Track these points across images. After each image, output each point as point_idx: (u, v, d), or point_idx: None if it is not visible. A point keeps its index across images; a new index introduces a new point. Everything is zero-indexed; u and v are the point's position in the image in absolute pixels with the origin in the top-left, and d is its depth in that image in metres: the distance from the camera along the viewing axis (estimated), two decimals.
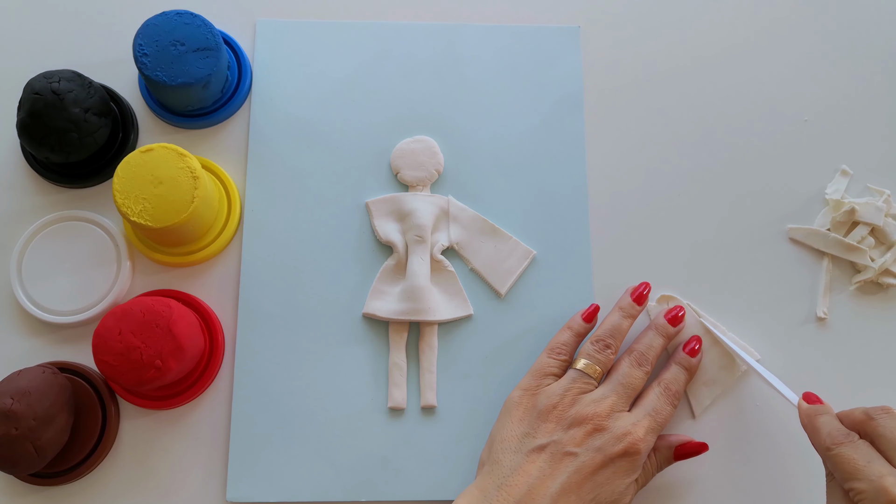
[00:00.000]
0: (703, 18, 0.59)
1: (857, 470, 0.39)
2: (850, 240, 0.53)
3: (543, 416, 0.45)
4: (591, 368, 0.47)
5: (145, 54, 0.50)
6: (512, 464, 0.44)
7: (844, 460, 0.40)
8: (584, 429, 0.44)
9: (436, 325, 0.51)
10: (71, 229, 0.51)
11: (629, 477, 0.44)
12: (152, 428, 0.49)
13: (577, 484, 0.43)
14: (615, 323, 0.48)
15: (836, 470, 0.40)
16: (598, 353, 0.47)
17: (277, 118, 0.55)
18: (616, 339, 0.48)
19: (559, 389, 0.46)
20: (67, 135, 0.49)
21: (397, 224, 0.53)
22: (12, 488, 0.48)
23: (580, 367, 0.47)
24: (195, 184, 0.47)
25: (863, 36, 0.59)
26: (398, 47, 0.57)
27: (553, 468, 0.43)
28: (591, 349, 0.47)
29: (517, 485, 0.43)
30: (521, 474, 0.43)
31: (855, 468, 0.39)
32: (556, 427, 0.44)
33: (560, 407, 0.45)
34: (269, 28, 0.57)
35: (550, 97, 0.56)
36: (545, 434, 0.44)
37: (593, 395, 0.46)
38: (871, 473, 0.38)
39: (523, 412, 0.46)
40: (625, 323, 0.49)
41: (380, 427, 0.50)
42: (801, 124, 0.57)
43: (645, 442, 0.44)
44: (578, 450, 0.43)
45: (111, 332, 0.44)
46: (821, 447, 0.42)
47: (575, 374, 0.47)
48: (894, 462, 0.39)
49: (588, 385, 0.46)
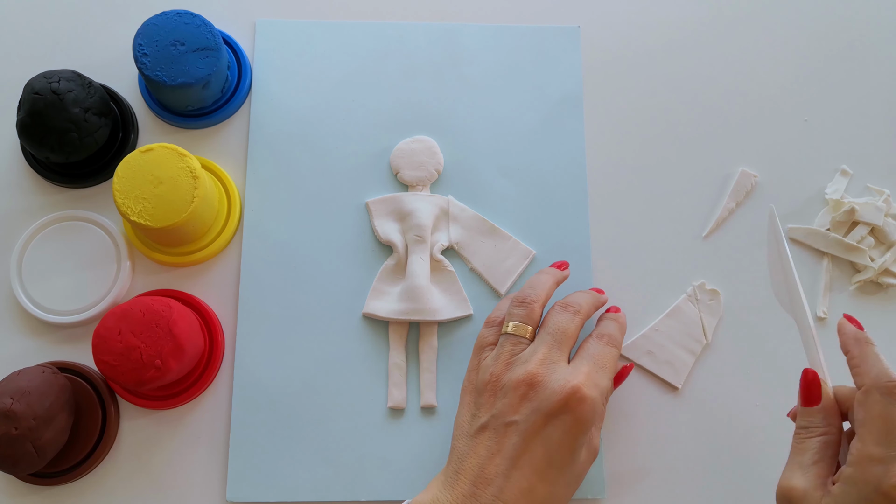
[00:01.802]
0: (702, 18, 0.59)
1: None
2: (849, 240, 0.53)
3: (483, 391, 0.44)
4: (520, 328, 0.45)
5: (145, 54, 0.50)
6: (464, 448, 0.43)
7: (889, 415, 0.36)
8: (518, 392, 0.42)
9: (436, 325, 0.51)
10: (71, 229, 0.51)
11: (582, 429, 0.41)
12: (152, 428, 0.49)
13: (524, 451, 0.41)
14: (532, 280, 0.48)
15: (870, 417, 0.36)
16: (520, 309, 0.46)
17: (277, 118, 0.55)
18: (536, 291, 0.46)
19: (492, 359, 0.45)
20: (67, 135, 0.49)
21: (397, 224, 0.53)
22: (12, 488, 0.48)
23: (509, 329, 0.45)
24: (195, 184, 0.47)
25: (862, 36, 0.59)
26: (398, 47, 0.57)
27: (499, 443, 0.41)
28: (513, 309, 0.46)
29: (470, 468, 0.41)
30: (473, 456, 0.42)
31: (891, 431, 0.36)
32: (493, 399, 0.43)
33: (495, 376, 0.44)
34: (269, 28, 0.57)
35: (550, 97, 0.56)
36: (486, 410, 0.43)
37: (524, 354, 0.44)
38: None
39: (470, 393, 0.45)
40: (542, 277, 0.48)
41: (380, 427, 0.50)
42: (801, 124, 0.57)
43: (589, 386, 0.42)
44: (517, 416, 0.41)
45: (111, 331, 0.44)
46: (867, 382, 0.37)
47: (504, 338, 0.45)
48: None
49: (519, 345, 0.44)
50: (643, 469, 0.49)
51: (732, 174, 0.55)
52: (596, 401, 0.42)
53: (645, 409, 0.50)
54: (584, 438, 0.42)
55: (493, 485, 0.40)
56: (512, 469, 0.41)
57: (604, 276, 0.53)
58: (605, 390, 0.43)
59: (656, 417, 0.50)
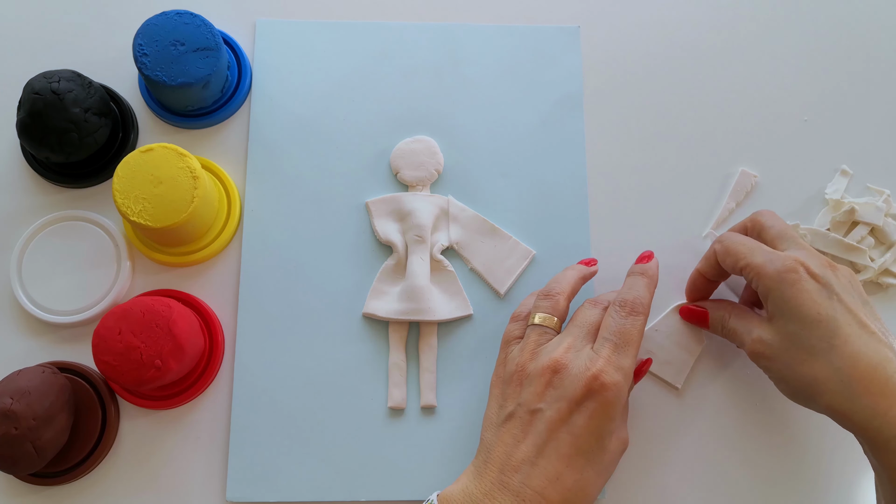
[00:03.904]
0: (702, 18, 0.59)
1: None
2: (849, 240, 0.53)
3: (509, 381, 0.44)
4: (547, 319, 0.45)
5: (145, 54, 0.50)
6: (492, 438, 0.43)
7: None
8: (543, 379, 0.42)
9: (436, 325, 0.51)
10: (71, 229, 0.51)
11: (608, 415, 0.41)
12: (152, 428, 0.49)
13: (550, 439, 0.41)
14: (558, 275, 0.48)
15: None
16: (545, 302, 0.46)
17: (277, 118, 0.55)
18: (561, 285, 0.47)
19: (518, 350, 0.45)
20: (67, 135, 0.49)
21: (397, 224, 0.53)
22: (12, 488, 0.48)
23: (535, 321, 0.45)
24: (195, 184, 0.47)
25: (863, 36, 0.59)
26: (398, 47, 0.57)
27: (524, 431, 0.41)
28: (539, 302, 0.46)
29: (498, 456, 0.41)
30: (500, 445, 0.42)
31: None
32: (519, 388, 0.43)
33: (520, 366, 0.44)
34: (269, 28, 0.57)
35: (550, 97, 0.56)
36: (512, 399, 0.43)
37: (550, 344, 0.44)
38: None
39: (498, 386, 0.45)
40: (568, 272, 0.48)
41: (380, 427, 0.50)
42: (801, 124, 0.57)
43: (609, 372, 0.41)
44: (542, 404, 0.41)
45: (111, 332, 0.44)
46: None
47: (530, 329, 0.45)
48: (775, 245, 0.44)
49: (545, 335, 0.45)
50: (643, 469, 0.49)
51: (732, 174, 0.55)
52: (619, 385, 0.41)
53: (645, 409, 0.50)
54: (611, 425, 0.41)
55: (521, 472, 0.40)
56: (538, 457, 0.40)
57: (604, 276, 0.53)
58: (629, 371, 0.42)
59: (656, 417, 0.50)
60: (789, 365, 0.42)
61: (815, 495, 0.49)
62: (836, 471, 0.49)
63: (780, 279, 0.42)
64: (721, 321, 0.47)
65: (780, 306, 0.42)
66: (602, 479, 0.42)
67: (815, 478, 0.49)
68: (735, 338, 0.46)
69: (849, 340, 0.40)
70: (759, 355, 0.44)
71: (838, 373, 0.40)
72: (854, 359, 0.40)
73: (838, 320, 0.41)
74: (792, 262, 0.42)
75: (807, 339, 0.41)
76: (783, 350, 0.42)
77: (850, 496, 0.49)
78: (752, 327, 0.44)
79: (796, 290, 0.41)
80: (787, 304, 0.41)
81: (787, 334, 0.42)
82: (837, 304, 0.41)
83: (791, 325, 0.41)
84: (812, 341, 0.41)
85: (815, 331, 0.41)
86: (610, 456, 0.42)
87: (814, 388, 0.41)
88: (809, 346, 0.41)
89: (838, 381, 0.40)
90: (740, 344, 0.45)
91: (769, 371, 0.44)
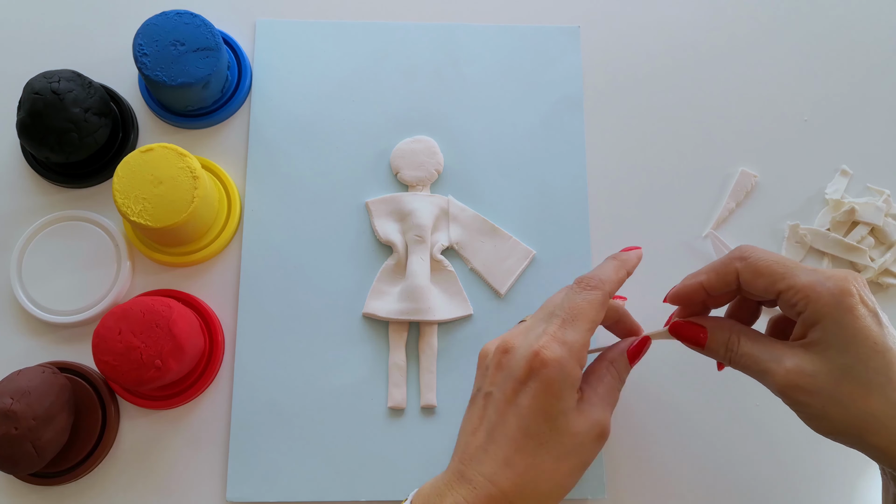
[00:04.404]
0: (702, 18, 0.59)
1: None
2: (850, 240, 0.53)
3: (477, 368, 0.42)
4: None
5: (145, 54, 0.50)
6: (460, 426, 0.41)
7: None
8: (495, 362, 0.40)
9: (436, 325, 0.51)
10: (71, 229, 0.51)
11: (553, 393, 0.38)
12: (152, 428, 0.49)
13: (499, 423, 0.38)
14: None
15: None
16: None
17: (277, 118, 0.55)
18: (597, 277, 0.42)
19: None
20: (67, 135, 0.49)
21: (397, 224, 0.53)
22: (12, 488, 0.48)
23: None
24: (195, 184, 0.47)
25: (863, 36, 0.59)
26: (398, 47, 0.57)
27: (480, 417, 0.40)
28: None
29: (459, 445, 0.40)
30: (461, 433, 0.40)
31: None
32: (480, 373, 0.41)
33: (485, 352, 0.42)
34: (269, 28, 0.57)
35: (550, 97, 0.56)
36: (475, 385, 0.42)
37: (513, 328, 0.42)
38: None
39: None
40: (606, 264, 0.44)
41: (380, 427, 0.50)
42: (801, 124, 0.57)
43: (551, 348, 0.38)
44: (493, 388, 0.39)
45: (111, 332, 0.44)
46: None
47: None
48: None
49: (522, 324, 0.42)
50: (643, 469, 0.49)
51: (732, 174, 0.55)
52: (561, 360, 0.38)
53: (645, 410, 0.50)
54: (560, 404, 0.38)
55: (475, 459, 0.38)
56: (489, 442, 0.38)
57: None
58: (576, 345, 0.38)
59: (656, 417, 0.50)
60: (838, 401, 0.36)
61: (818, 495, 0.49)
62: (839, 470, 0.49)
63: (838, 304, 0.36)
64: (727, 344, 0.40)
65: (834, 334, 0.36)
66: (566, 466, 0.38)
67: (817, 476, 0.49)
68: (753, 365, 0.39)
69: None
70: (797, 389, 0.37)
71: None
72: None
73: (892, 350, 0.36)
74: (848, 284, 0.37)
75: (863, 371, 0.36)
76: (832, 384, 0.36)
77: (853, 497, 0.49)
78: (779, 355, 0.38)
79: (853, 316, 0.36)
80: (844, 332, 0.36)
81: (839, 366, 0.36)
82: (889, 333, 0.37)
83: (845, 356, 0.36)
84: (869, 375, 0.36)
85: (871, 363, 0.36)
86: (573, 440, 0.38)
87: (868, 426, 0.36)
88: (866, 379, 0.36)
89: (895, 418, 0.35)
90: (762, 373, 0.38)
91: (808, 407, 0.37)
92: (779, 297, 0.38)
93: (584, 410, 0.39)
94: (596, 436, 0.39)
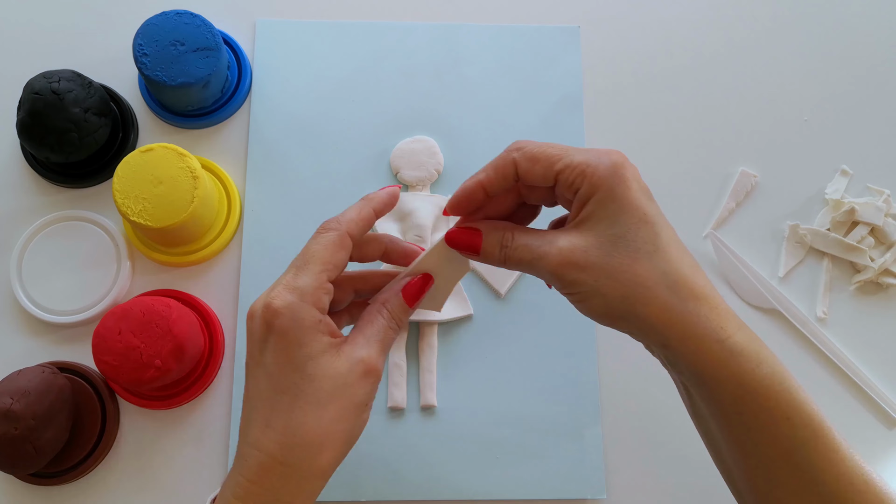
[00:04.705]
0: (702, 18, 0.59)
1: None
2: (850, 240, 0.53)
3: None
4: None
5: (145, 54, 0.50)
6: None
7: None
8: (246, 331, 0.39)
9: (436, 325, 0.51)
10: (71, 229, 0.51)
11: (293, 341, 0.36)
12: (152, 428, 0.49)
13: (253, 388, 0.37)
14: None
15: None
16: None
17: (277, 118, 0.55)
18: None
19: None
20: (67, 135, 0.49)
21: (397, 224, 0.53)
22: (12, 488, 0.48)
23: None
24: (195, 184, 0.47)
25: (863, 36, 0.59)
26: (398, 47, 0.57)
27: (244, 389, 0.38)
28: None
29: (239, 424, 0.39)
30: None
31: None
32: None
33: None
34: (269, 28, 0.57)
35: (550, 97, 0.56)
36: None
37: None
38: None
39: None
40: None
41: (380, 427, 0.50)
42: (801, 124, 0.57)
43: (281, 296, 0.37)
44: (247, 355, 0.38)
45: (111, 332, 0.44)
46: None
47: None
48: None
49: None
50: (643, 469, 0.49)
51: (732, 174, 0.55)
52: (292, 305, 0.36)
53: (645, 410, 0.50)
54: (305, 350, 0.36)
55: (243, 433, 0.37)
56: (250, 411, 0.37)
57: None
58: (309, 288, 0.37)
59: (656, 418, 0.50)
60: (609, 273, 0.36)
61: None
62: None
63: (612, 174, 0.37)
64: (502, 241, 0.39)
65: (606, 206, 0.37)
66: (332, 411, 0.37)
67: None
68: (527, 254, 0.38)
69: (670, 243, 0.37)
70: (570, 266, 0.36)
71: (665, 276, 0.36)
72: (678, 262, 0.36)
73: (660, 222, 0.37)
74: (622, 158, 0.38)
75: (632, 241, 0.36)
76: (603, 255, 0.36)
77: None
78: (552, 239, 0.37)
79: (626, 187, 0.37)
80: (616, 202, 0.36)
81: (610, 237, 0.36)
82: (657, 208, 0.38)
83: (616, 227, 0.36)
84: (638, 244, 0.36)
85: (641, 232, 0.36)
86: (332, 382, 0.37)
87: (638, 296, 0.36)
88: (635, 248, 0.36)
89: (665, 287, 0.36)
90: (538, 259, 0.37)
91: (581, 285, 0.36)
92: (557, 179, 0.38)
93: (343, 351, 0.37)
94: (360, 374, 0.37)
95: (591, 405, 0.50)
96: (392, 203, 0.42)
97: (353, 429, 0.38)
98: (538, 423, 0.50)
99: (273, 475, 0.36)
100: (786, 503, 0.37)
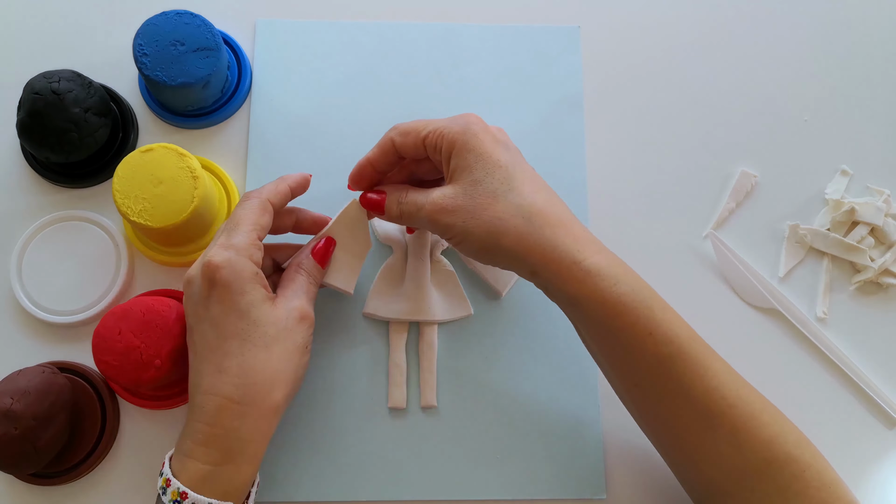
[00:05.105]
0: (702, 18, 0.59)
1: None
2: (850, 240, 0.53)
3: None
4: None
5: (145, 54, 0.50)
6: None
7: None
8: (184, 298, 0.44)
9: (436, 325, 0.51)
10: (71, 229, 0.51)
11: (235, 290, 0.41)
12: (152, 428, 0.49)
13: (200, 341, 0.42)
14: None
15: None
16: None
17: (277, 118, 0.55)
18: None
19: None
20: (67, 135, 0.49)
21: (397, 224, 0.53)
22: (12, 488, 0.48)
23: None
24: (195, 184, 0.47)
25: (863, 36, 0.59)
26: (398, 47, 0.57)
27: (190, 349, 0.43)
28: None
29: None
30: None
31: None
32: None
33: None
34: (269, 28, 0.57)
35: (550, 97, 0.56)
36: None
37: None
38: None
39: None
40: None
41: (380, 427, 0.50)
42: (801, 124, 0.57)
43: (218, 253, 0.41)
44: (188, 318, 0.43)
45: (111, 331, 0.44)
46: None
47: None
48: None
49: None
50: (643, 469, 0.49)
51: (732, 174, 0.55)
52: (230, 260, 0.41)
53: None
54: (245, 298, 0.41)
55: (193, 383, 0.41)
56: (199, 362, 0.41)
57: None
58: (242, 244, 0.42)
59: None
60: (474, 214, 0.42)
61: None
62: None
63: (465, 131, 0.43)
64: (398, 199, 0.45)
65: (464, 157, 0.43)
66: (278, 352, 0.42)
67: None
68: (413, 207, 0.44)
69: (525, 182, 0.43)
70: (441, 211, 0.43)
71: (520, 209, 0.41)
72: (532, 196, 0.42)
73: (515, 167, 0.43)
74: (473, 116, 0.44)
75: (489, 184, 0.42)
76: (467, 199, 0.42)
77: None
78: (429, 192, 0.44)
79: (479, 139, 0.43)
80: (472, 152, 0.42)
81: (470, 183, 0.42)
82: (513, 155, 0.44)
83: (474, 173, 0.42)
84: (494, 185, 0.42)
85: (496, 175, 0.42)
86: (275, 326, 0.42)
87: (499, 229, 0.41)
88: (492, 190, 0.42)
89: (521, 218, 0.41)
90: (418, 210, 0.44)
91: (453, 227, 0.43)
92: (425, 145, 0.44)
93: (278, 303, 0.43)
94: (297, 320, 0.43)
95: (592, 405, 0.50)
96: (305, 185, 0.48)
97: (297, 369, 0.43)
98: (538, 423, 0.50)
99: (231, 415, 0.40)
100: (665, 418, 0.41)
